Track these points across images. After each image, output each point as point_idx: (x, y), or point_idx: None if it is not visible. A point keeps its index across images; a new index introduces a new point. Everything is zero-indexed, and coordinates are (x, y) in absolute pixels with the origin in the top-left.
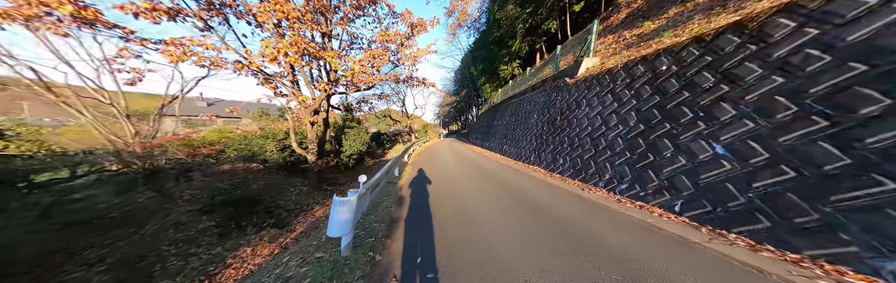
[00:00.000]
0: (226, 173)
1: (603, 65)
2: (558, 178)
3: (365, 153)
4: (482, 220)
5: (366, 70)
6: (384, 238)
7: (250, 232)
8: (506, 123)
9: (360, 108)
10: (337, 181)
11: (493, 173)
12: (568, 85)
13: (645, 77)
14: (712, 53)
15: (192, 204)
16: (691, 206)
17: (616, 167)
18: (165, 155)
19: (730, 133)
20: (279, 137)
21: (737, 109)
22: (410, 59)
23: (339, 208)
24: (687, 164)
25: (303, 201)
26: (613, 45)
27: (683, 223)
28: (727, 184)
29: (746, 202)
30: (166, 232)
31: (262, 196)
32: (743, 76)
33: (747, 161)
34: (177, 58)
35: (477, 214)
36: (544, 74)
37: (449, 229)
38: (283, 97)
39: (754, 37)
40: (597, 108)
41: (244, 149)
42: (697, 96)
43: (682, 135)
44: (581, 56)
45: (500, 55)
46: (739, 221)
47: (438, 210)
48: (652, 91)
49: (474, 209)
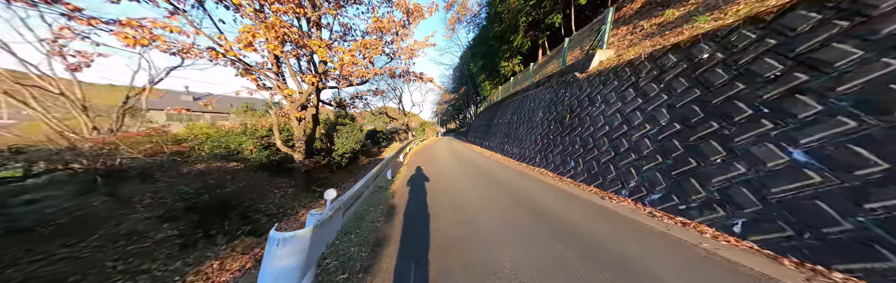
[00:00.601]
0: (201, 174)
1: (620, 57)
2: (569, 182)
3: (359, 152)
4: (491, 239)
5: (356, 61)
6: (362, 273)
7: (220, 242)
8: (507, 122)
9: (353, 104)
10: (328, 182)
11: (497, 176)
12: (578, 80)
13: (678, 68)
14: (778, 35)
15: (152, 210)
16: (760, 228)
17: (643, 173)
18: (121, 153)
19: (815, 135)
20: (260, 133)
21: (824, 103)
22: (407, 52)
23: (278, 250)
24: (748, 173)
25: (287, 204)
26: (628, 37)
27: (753, 251)
28: (818, 202)
29: (855, 229)
30: (116, 244)
31: (240, 199)
32: (831, 61)
33: (850, 173)
34: (135, 41)
35: (486, 231)
36: (549, 70)
37: (451, 256)
38: (266, 90)
39: (844, 10)
40: (615, 104)
41: (219, 147)
42: (759, 89)
43: (737, 136)
44: (593, 48)
45: (500, 51)
46: (846, 254)
47: (438, 225)
48: (689, 84)
49: (481, 224)
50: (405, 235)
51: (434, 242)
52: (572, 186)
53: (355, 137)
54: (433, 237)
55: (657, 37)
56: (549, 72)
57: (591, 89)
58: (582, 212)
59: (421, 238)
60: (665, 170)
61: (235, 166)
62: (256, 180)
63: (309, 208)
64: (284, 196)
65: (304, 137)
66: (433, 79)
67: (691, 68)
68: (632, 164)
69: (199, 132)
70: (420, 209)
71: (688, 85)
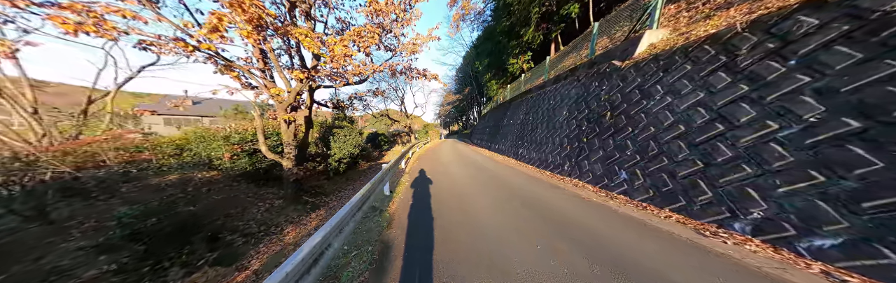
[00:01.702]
0: (174, 186)
1: (686, 35)
2: (623, 201)
3: (359, 156)
4: None
5: (350, 53)
6: None
7: (175, 276)
8: (520, 123)
9: (352, 105)
10: (323, 190)
11: (520, 189)
12: (619, 69)
13: (832, 31)
14: None
15: (91, 237)
16: None
17: (779, 199)
18: (48, 165)
19: None
20: (234, 140)
21: None
22: (409, 47)
23: None
24: None
25: (272, 219)
26: (683, 14)
27: None
28: None
29: None
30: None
31: (213, 217)
32: None
33: None
34: (76, 27)
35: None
36: (568, 64)
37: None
38: (251, 90)
39: None
40: (692, 96)
41: (186, 156)
42: None
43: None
44: (638, 30)
45: (508, 47)
46: None
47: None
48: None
49: (513, 259)
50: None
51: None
52: (631, 206)
53: (354, 141)
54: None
55: (736, 6)
56: (571, 65)
57: (641, 79)
58: (679, 255)
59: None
60: (836, 196)
61: (215, 175)
62: (238, 192)
63: (296, 224)
64: (269, 210)
65: (295, 141)
66: (437, 76)
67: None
68: (747, 182)
69: (176, 138)
70: (424, 241)
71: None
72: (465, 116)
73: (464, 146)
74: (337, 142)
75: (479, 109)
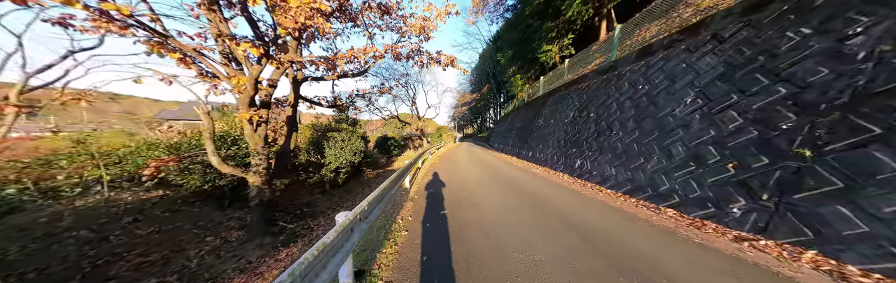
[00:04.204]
0: (67, 217)
1: None
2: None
3: (362, 164)
4: None
5: (320, 6)
6: None
7: None
8: (569, 122)
9: (353, 104)
10: (313, 210)
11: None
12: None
13: None
14: None
15: None
16: None
17: None
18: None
19: None
20: (184, 148)
21: None
22: (416, 28)
23: None
24: None
25: (214, 266)
26: None
27: None
28: None
29: None
30: None
31: (105, 272)
32: None
33: None
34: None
35: None
36: (647, 35)
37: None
38: (209, 79)
39: None
40: None
41: (115, 172)
42: None
43: None
44: None
45: (541, 31)
46: None
47: None
48: None
49: None
50: None
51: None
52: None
53: (353, 147)
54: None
55: None
56: (670, 28)
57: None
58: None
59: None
60: None
61: (157, 196)
62: (187, 220)
63: (251, 273)
64: (219, 249)
65: (266, 150)
66: (455, 60)
67: None
68: None
69: (117, 146)
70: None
71: None
72: (481, 117)
73: (482, 151)
74: (332, 148)
75: (497, 109)
